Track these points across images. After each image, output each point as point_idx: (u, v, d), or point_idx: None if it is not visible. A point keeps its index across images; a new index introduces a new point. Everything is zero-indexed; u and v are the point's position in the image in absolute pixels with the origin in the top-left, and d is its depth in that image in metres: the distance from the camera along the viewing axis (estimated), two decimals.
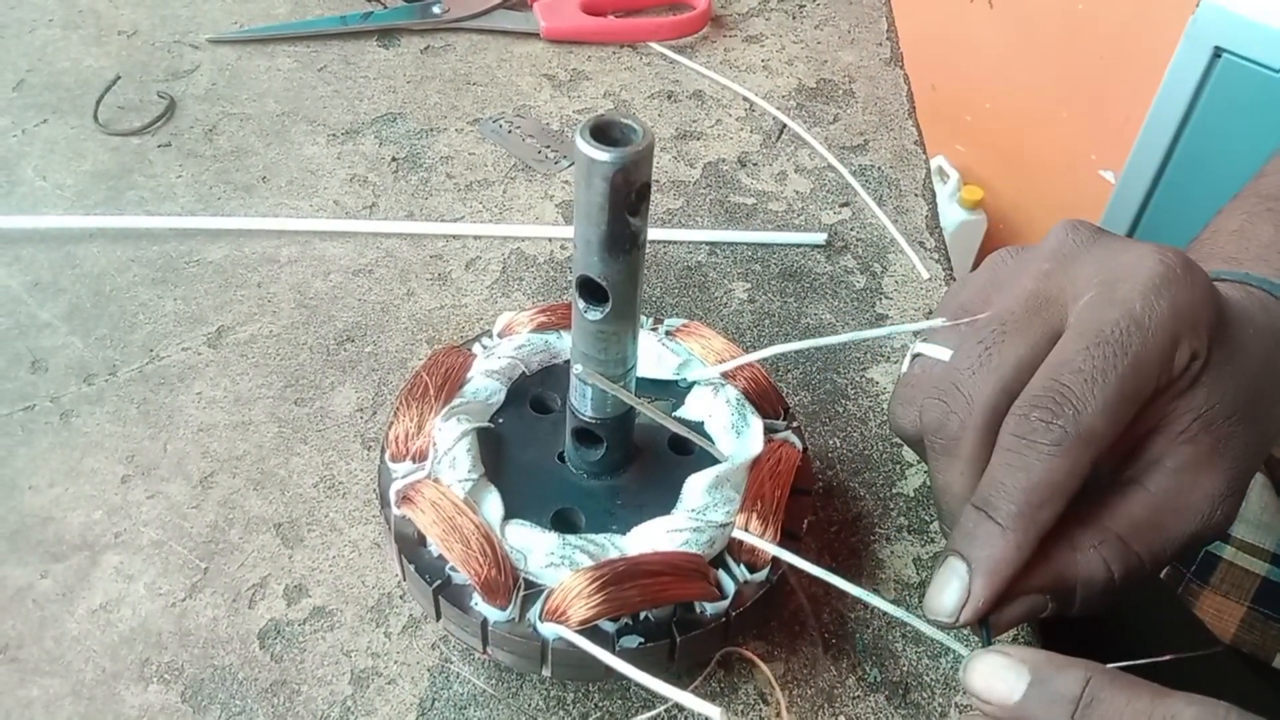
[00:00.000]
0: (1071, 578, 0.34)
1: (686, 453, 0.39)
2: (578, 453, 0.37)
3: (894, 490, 0.47)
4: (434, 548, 0.35)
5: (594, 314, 0.32)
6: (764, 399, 0.40)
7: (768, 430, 0.39)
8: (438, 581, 0.35)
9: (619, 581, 0.33)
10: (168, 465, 0.45)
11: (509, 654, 0.35)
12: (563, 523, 0.36)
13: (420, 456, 0.37)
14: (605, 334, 0.33)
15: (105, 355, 0.49)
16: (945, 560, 0.33)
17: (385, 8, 0.73)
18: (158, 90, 0.64)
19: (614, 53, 0.72)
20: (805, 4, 0.79)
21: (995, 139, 1.64)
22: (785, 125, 0.67)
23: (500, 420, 0.39)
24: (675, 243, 0.58)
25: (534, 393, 0.40)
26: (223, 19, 0.71)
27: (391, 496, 0.36)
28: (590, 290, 0.32)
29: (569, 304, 0.34)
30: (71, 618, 0.40)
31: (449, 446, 0.36)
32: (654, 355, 0.41)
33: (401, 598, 0.41)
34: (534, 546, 0.34)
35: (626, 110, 0.68)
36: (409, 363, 0.50)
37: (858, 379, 0.51)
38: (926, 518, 0.45)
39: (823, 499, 0.46)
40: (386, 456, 0.37)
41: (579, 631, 0.33)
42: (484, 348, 0.42)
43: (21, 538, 0.42)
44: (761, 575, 0.36)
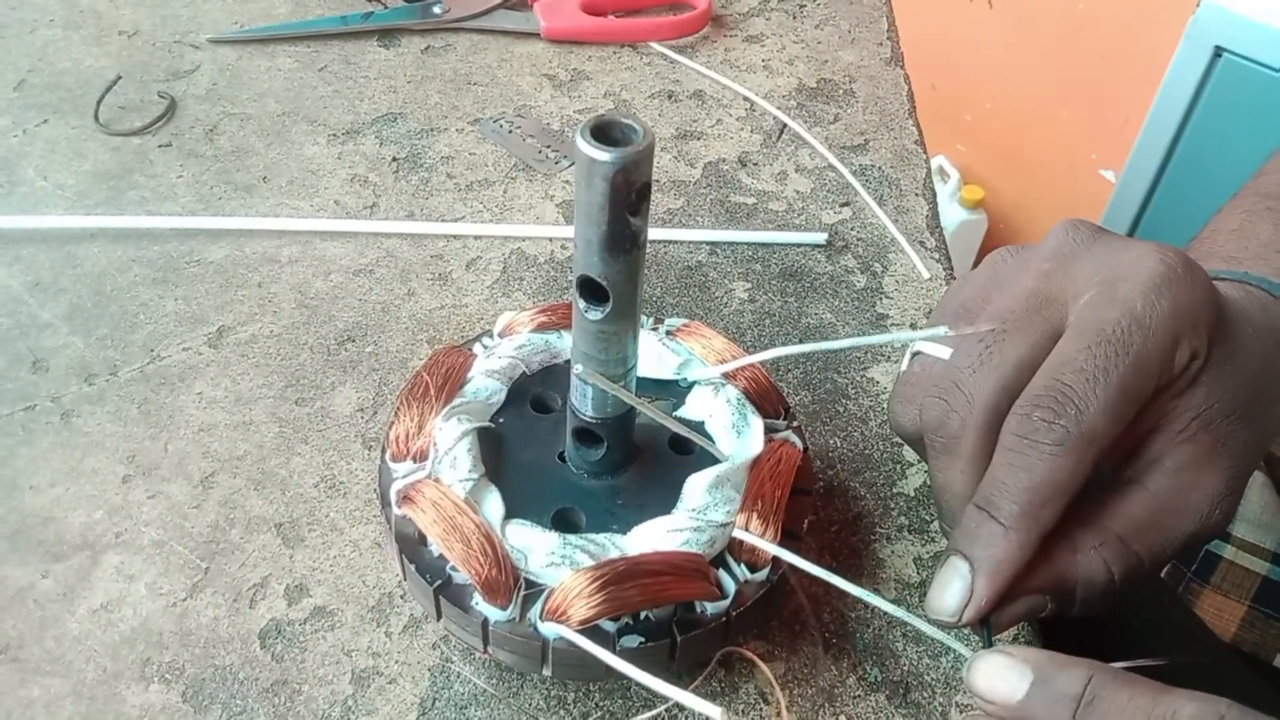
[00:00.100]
0: (1072, 578, 0.34)
1: (687, 452, 0.39)
2: (578, 452, 0.37)
3: (894, 490, 0.47)
4: (435, 547, 0.35)
5: (594, 314, 0.32)
6: (764, 399, 0.40)
7: (768, 430, 0.39)
8: (438, 581, 0.35)
9: (619, 581, 0.33)
10: (168, 465, 0.45)
11: (510, 654, 0.35)
12: (563, 522, 0.36)
13: (421, 456, 0.37)
14: (606, 334, 0.33)
15: (106, 355, 0.49)
16: (947, 560, 0.33)
17: (386, 8, 0.73)
18: (158, 90, 0.64)
19: (614, 53, 0.72)
20: (805, 4, 0.79)
21: (995, 139, 1.64)
22: (785, 125, 0.67)
23: (501, 420, 0.39)
24: (676, 242, 0.58)
25: (534, 393, 0.40)
26: (223, 19, 0.71)
27: (392, 496, 0.36)
28: (591, 290, 0.32)
29: (569, 304, 0.34)
30: (72, 618, 0.40)
31: (449, 446, 0.36)
32: (654, 355, 0.41)
33: (402, 597, 0.41)
34: (534, 546, 0.34)
35: (627, 110, 0.68)
36: (409, 363, 0.50)
37: (858, 378, 0.51)
38: (927, 517, 0.45)
39: (823, 499, 0.46)
40: (387, 456, 0.37)
41: (580, 631, 0.33)
42: (484, 348, 0.42)
43: (22, 538, 0.42)
44: (762, 575, 0.36)
